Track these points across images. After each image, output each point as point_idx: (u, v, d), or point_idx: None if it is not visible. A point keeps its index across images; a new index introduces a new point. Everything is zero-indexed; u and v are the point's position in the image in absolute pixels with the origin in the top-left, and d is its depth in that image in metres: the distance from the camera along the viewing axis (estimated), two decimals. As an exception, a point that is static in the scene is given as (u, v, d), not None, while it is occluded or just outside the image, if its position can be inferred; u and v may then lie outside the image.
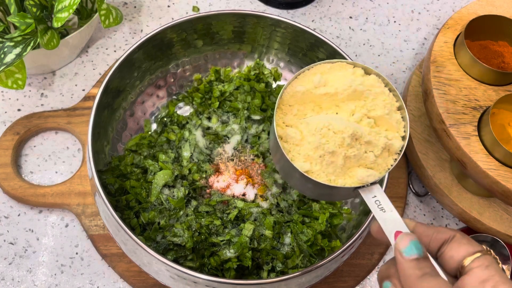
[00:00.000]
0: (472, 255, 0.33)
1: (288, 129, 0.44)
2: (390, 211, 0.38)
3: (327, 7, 0.84)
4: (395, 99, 0.45)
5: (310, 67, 0.45)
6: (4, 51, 0.60)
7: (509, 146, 0.56)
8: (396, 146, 0.43)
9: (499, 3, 0.68)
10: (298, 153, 0.43)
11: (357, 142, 0.41)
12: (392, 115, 0.44)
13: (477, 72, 0.61)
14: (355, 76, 0.44)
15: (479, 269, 0.32)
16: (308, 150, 0.42)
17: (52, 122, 0.68)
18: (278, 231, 0.58)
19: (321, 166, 0.42)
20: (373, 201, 0.40)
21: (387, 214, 0.38)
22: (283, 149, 0.42)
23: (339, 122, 0.42)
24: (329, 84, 0.44)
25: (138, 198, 0.59)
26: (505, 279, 0.32)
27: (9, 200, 0.64)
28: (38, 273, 0.60)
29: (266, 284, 0.49)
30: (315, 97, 0.44)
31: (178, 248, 0.57)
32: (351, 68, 0.45)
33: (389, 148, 0.43)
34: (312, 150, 0.42)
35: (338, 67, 0.45)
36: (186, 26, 0.64)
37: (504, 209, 0.63)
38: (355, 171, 0.42)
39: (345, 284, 0.61)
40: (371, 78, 0.44)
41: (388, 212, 0.38)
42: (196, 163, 0.63)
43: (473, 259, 0.33)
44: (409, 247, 0.33)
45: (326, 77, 0.44)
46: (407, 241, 0.33)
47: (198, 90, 0.69)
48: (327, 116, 0.43)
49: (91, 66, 0.75)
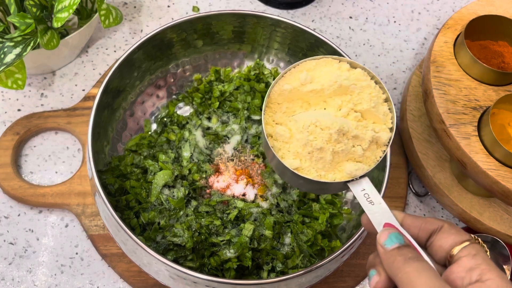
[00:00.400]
0: (460, 244, 0.34)
1: (278, 127, 0.44)
2: (379, 203, 0.39)
3: (327, 7, 0.84)
4: (381, 91, 0.45)
5: (296, 64, 0.45)
6: (4, 51, 0.60)
7: (509, 146, 0.56)
8: (383, 138, 0.43)
9: (499, 3, 0.68)
10: (288, 150, 0.44)
11: (344, 137, 0.42)
12: (379, 108, 0.44)
13: (477, 72, 0.61)
14: (341, 71, 0.45)
15: (467, 258, 0.33)
16: (297, 147, 0.43)
17: (52, 122, 0.68)
18: (278, 231, 0.58)
19: (311, 162, 0.43)
20: (362, 194, 0.40)
21: (376, 206, 0.39)
22: (272, 148, 0.43)
23: (326, 118, 0.42)
24: (315, 81, 0.44)
25: (138, 198, 0.59)
26: (492, 267, 0.32)
27: (9, 200, 0.64)
28: (38, 273, 0.60)
29: (266, 284, 0.49)
30: (302, 94, 0.45)
31: (178, 248, 0.57)
32: (336, 63, 0.45)
33: (377, 140, 0.43)
34: (301, 147, 0.43)
35: (323, 63, 0.45)
36: (186, 26, 0.64)
37: (504, 209, 0.63)
38: (344, 165, 0.43)
39: (345, 284, 0.61)
40: (356, 72, 0.45)
41: (377, 205, 0.39)
42: (196, 163, 0.63)
43: (461, 248, 0.34)
44: (388, 239, 0.34)
45: (313, 74, 0.45)
46: (386, 234, 0.34)
47: (198, 90, 0.69)
48: (315, 112, 0.44)
49: (91, 66, 0.75)
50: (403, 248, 0.33)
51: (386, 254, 0.34)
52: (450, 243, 0.34)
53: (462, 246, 0.34)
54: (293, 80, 0.45)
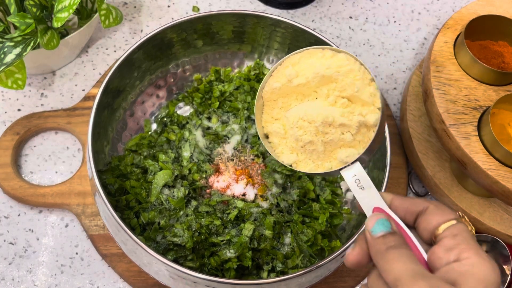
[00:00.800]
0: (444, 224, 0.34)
1: (274, 125, 0.46)
2: (369, 188, 0.39)
3: (327, 7, 0.84)
4: (366, 71, 0.44)
5: (282, 61, 0.46)
6: (4, 51, 0.60)
7: (509, 146, 0.56)
8: (371, 120, 0.43)
9: (499, 3, 0.68)
10: (285, 145, 0.46)
11: (330, 127, 0.42)
12: (365, 90, 0.43)
13: (477, 72, 0.61)
14: (324, 59, 0.45)
15: (447, 239, 0.33)
16: (291, 142, 0.45)
17: (52, 122, 0.68)
18: (278, 231, 0.58)
19: (306, 155, 0.44)
20: (353, 180, 0.41)
21: (366, 191, 0.39)
22: (266, 147, 0.46)
23: (313, 111, 0.43)
24: (300, 74, 0.45)
25: (138, 198, 0.59)
26: (471, 245, 0.32)
27: (9, 200, 0.64)
28: (38, 273, 0.60)
29: (266, 284, 0.49)
30: (292, 89, 0.45)
31: (178, 248, 0.57)
32: (320, 52, 0.45)
33: (366, 123, 0.43)
34: (294, 142, 0.45)
35: (307, 55, 0.46)
36: (186, 26, 0.64)
37: (504, 209, 0.63)
38: (337, 153, 0.43)
39: (344, 284, 0.62)
40: (339, 58, 0.44)
41: (367, 189, 0.39)
42: (196, 163, 0.63)
43: (444, 228, 0.34)
44: (376, 226, 0.34)
45: (298, 68, 0.45)
46: (374, 220, 0.35)
47: (198, 90, 0.69)
48: (305, 105, 0.45)
49: (91, 66, 0.75)
50: (388, 237, 0.34)
51: (372, 241, 0.34)
52: (434, 224, 0.35)
53: (445, 226, 0.34)
54: (281, 77, 0.46)
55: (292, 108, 0.45)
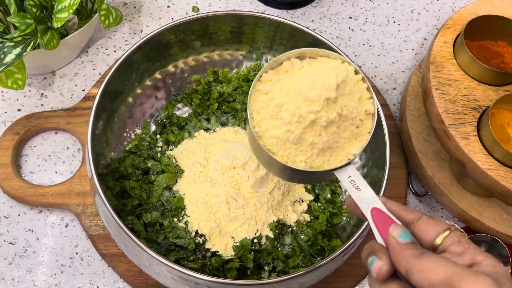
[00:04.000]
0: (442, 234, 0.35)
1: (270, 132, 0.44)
2: (365, 189, 0.40)
3: (327, 7, 0.84)
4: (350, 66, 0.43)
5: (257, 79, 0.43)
6: (4, 51, 0.60)
7: (509, 146, 0.56)
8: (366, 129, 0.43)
9: (499, 3, 0.68)
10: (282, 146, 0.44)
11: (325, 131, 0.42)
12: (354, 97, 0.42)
13: (476, 72, 0.61)
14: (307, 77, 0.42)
15: (453, 246, 0.34)
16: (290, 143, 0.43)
17: (52, 122, 0.68)
18: (279, 232, 0.58)
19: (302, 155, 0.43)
20: (348, 181, 0.41)
21: (362, 192, 0.39)
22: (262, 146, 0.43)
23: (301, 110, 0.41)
24: (279, 101, 0.42)
25: (139, 199, 0.59)
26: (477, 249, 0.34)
27: (9, 200, 0.64)
28: (38, 273, 0.60)
29: (267, 285, 0.49)
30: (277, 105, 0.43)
31: (180, 249, 0.57)
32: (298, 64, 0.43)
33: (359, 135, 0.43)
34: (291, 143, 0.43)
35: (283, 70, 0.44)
36: (184, 28, 0.64)
37: (503, 209, 0.63)
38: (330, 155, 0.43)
39: (344, 284, 0.62)
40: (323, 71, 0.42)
41: (364, 190, 0.40)
42: (196, 163, 0.63)
43: (443, 238, 0.34)
44: (403, 233, 0.35)
45: (273, 93, 0.43)
46: (400, 229, 0.35)
47: (197, 92, 0.69)
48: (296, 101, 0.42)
49: (91, 66, 0.75)
50: (417, 244, 0.34)
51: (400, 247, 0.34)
52: (432, 235, 0.35)
53: (443, 236, 0.35)
54: (259, 102, 0.43)
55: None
